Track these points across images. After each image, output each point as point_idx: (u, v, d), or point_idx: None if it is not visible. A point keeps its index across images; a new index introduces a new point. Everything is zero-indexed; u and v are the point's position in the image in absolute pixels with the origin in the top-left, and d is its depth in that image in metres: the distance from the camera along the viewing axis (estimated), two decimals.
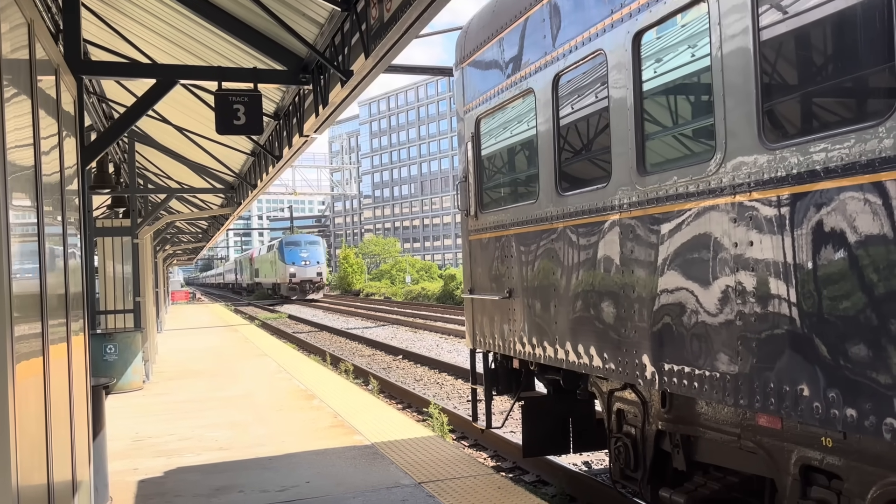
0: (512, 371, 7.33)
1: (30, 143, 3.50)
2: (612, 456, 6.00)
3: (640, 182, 4.77)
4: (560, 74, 5.71)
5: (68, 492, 4.01)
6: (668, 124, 4.91)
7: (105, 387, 6.25)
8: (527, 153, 6.55)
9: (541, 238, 6.07)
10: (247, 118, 7.02)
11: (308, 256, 57.93)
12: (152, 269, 20.33)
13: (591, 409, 7.09)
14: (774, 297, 3.76)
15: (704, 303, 4.23)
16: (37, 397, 3.31)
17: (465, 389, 13.92)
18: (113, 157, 14.79)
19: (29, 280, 3.29)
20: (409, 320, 30.19)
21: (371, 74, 7.11)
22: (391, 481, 6.53)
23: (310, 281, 57.48)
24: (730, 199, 4.03)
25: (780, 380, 3.75)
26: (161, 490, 6.63)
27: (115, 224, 15.24)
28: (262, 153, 13.72)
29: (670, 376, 4.55)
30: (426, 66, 16.82)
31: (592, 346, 5.37)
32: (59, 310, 4.01)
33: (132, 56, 9.70)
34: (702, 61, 4.35)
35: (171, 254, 37.52)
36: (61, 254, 4.26)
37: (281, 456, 7.65)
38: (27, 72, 3.53)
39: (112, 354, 12.05)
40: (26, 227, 3.34)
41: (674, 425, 5.28)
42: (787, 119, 3.94)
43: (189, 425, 9.47)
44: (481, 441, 9.74)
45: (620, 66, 4.91)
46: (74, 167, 5.17)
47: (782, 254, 3.72)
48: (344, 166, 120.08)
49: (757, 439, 4.47)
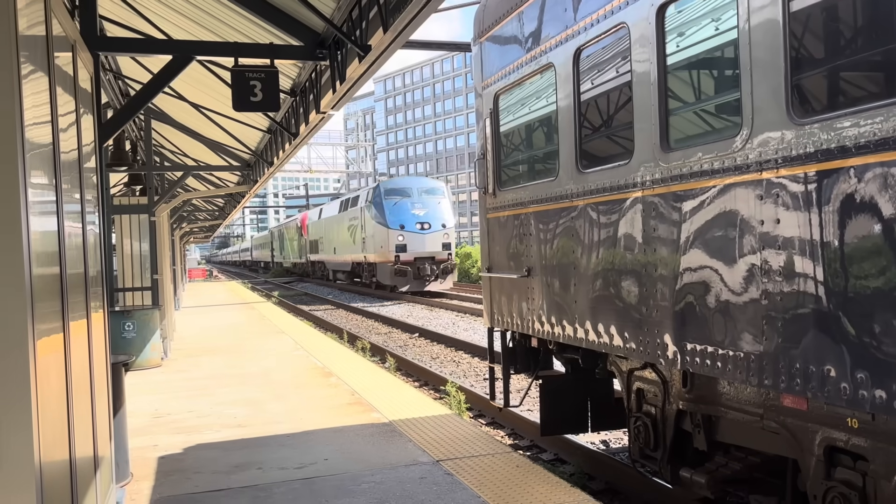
0: (530, 350, 7.32)
1: (47, 121, 3.49)
2: (632, 435, 5.99)
3: (663, 159, 4.70)
4: (581, 49, 5.63)
5: (90, 468, 4.05)
6: (692, 99, 4.83)
7: (124, 364, 6.31)
8: (546, 129, 6.49)
9: (560, 216, 6.02)
10: (263, 94, 7.00)
11: (426, 215, 33.28)
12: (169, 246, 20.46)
13: (609, 388, 7.08)
14: (801, 276, 3.71)
15: (729, 281, 4.17)
16: (58, 374, 3.33)
17: (482, 368, 13.94)
18: (129, 134, 14.83)
19: (48, 257, 3.30)
20: (424, 298, 30.23)
21: (390, 49, 7.04)
22: (409, 459, 6.55)
23: (430, 258, 32.55)
24: (756, 176, 3.96)
25: (807, 360, 3.70)
26: (181, 467, 6.70)
27: (133, 202, 15.33)
28: (278, 130, 13.71)
29: (692, 356, 4.51)
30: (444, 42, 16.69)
31: (613, 325, 5.34)
32: (78, 287, 4.02)
33: (148, 32, 9.67)
34: (728, 34, 4.26)
35: (188, 231, 37.75)
36: (80, 231, 4.27)
37: (299, 433, 7.70)
38: (44, 48, 3.51)
39: (130, 332, 12.16)
40: (45, 205, 3.34)
41: (695, 405, 5.25)
42: (816, 93, 3.86)
43: (207, 402, 9.55)
44: (498, 419, 9.76)
45: (644, 39, 4.83)
46: (92, 144, 5.17)
47: (810, 231, 3.66)
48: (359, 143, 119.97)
49: (780, 420, 4.43)
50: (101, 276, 5.12)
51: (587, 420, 7.06)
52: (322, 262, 46.95)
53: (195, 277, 55.44)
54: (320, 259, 47.12)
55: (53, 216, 3.47)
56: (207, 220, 35.40)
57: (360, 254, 36.54)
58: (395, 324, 22.37)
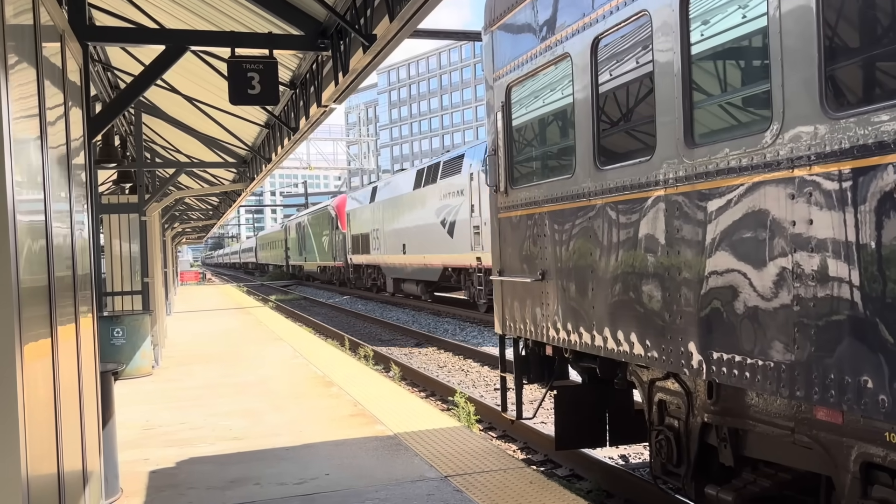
0: (544, 358, 7.31)
1: (35, 114, 3.51)
2: (653, 450, 5.97)
3: (687, 155, 4.68)
4: (599, 38, 5.62)
5: (79, 483, 4.06)
6: (718, 92, 4.81)
7: (114, 372, 6.33)
8: (562, 124, 6.48)
9: (577, 216, 6.01)
10: (262, 87, 7.00)
11: None
12: (161, 247, 20.52)
13: (629, 399, 7.06)
14: (836, 280, 3.69)
15: (758, 286, 4.16)
16: (46, 382, 3.34)
17: (493, 377, 13.93)
18: (119, 129, 14.88)
19: (36, 259, 3.31)
20: (429, 304, 30.22)
21: (396, 39, 7.04)
22: (416, 474, 6.55)
23: None
24: (787, 174, 3.94)
25: (842, 370, 3.68)
26: (173, 482, 6.71)
27: (122, 201, 15.37)
28: (276, 125, 13.73)
29: (719, 365, 4.49)
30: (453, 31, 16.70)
31: (633, 332, 5.32)
32: (66, 290, 4.03)
33: (139, 21, 9.70)
34: (756, 21, 4.25)
35: (181, 232, 37.87)
36: (68, 232, 4.28)
37: (299, 446, 7.70)
38: (31, 38, 3.52)
39: (120, 338, 12.20)
40: (32, 204, 3.35)
41: (721, 418, 5.23)
42: (852, 85, 3.84)
43: (201, 413, 9.57)
44: (510, 432, 9.75)
45: (667, 27, 4.81)
46: (81, 139, 5.19)
47: (845, 233, 3.64)
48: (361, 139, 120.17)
49: (813, 434, 4.41)
50: (90, 279, 5.14)
51: (605, 433, 7.04)
52: (375, 265, 34.19)
53: (187, 281, 55.64)
54: (372, 262, 34.43)
55: (41, 215, 3.48)
56: (201, 219, 35.50)
57: (464, 253, 24.10)
58: (400, 330, 22.38)
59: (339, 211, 41.19)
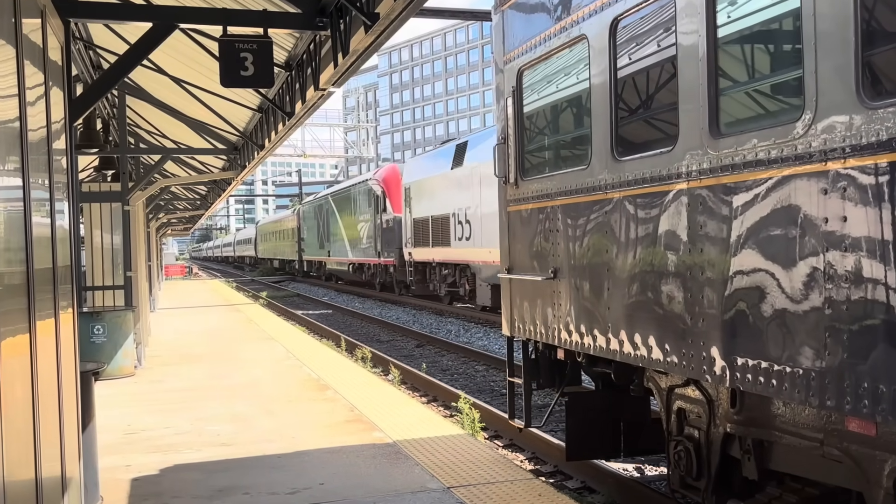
0: (555, 362, 7.31)
1: (14, 94, 3.51)
2: (672, 462, 5.97)
3: (712, 146, 4.68)
4: (619, 19, 5.61)
5: (57, 490, 4.07)
6: (746, 78, 4.81)
7: (94, 372, 6.34)
8: (577, 111, 6.47)
9: (592, 210, 6.01)
10: (255, 68, 7.00)
11: None
12: (145, 239, 20.55)
13: (645, 407, 7.06)
14: (871, 282, 3.68)
15: (787, 287, 4.15)
16: (23, 382, 3.35)
17: (499, 382, 13.94)
18: (101, 112, 14.89)
19: (14, 249, 3.32)
20: (431, 302, 30.24)
21: (401, 18, 7.04)
22: (416, 485, 6.56)
23: None
24: (820, 167, 3.94)
25: (876, 378, 3.68)
26: (157, 490, 6.73)
27: (104, 188, 15.38)
28: (270, 109, 13.73)
29: (743, 372, 4.49)
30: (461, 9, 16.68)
31: (651, 335, 5.33)
32: (46, 284, 4.04)
33: None
34: (788, 3, 4.24)
35: (166, 223, 37.93)
36: (48, 221, 4.30)
37: (291, 454, 7.72)
38: (10, 13, 3.53)
39: (100, 336, 12.23)
40: (11, 191, 3.36)
41: (744, 428, 5.23)
42: (890, 72, 3.83)
43: (187, 417, 9.59)
44: (517, 441, 9.76)
45: (691, 8, 4.81)
46: (62, 122, 5.20)
47: (881, 231, 3.63)
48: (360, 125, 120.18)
49: (844, 446, 4.41)
50: (71, 272, 5.15)
51: (619, 443, 7.05)
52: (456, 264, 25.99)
53: (173, 275, 55.77)
54: (452, 259, 25.87)
55: (20, 203, 3.49)
56: (188, 209, 35.55)
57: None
58: (400, 330, 22.41)
59: (389, 185, 32.23)
